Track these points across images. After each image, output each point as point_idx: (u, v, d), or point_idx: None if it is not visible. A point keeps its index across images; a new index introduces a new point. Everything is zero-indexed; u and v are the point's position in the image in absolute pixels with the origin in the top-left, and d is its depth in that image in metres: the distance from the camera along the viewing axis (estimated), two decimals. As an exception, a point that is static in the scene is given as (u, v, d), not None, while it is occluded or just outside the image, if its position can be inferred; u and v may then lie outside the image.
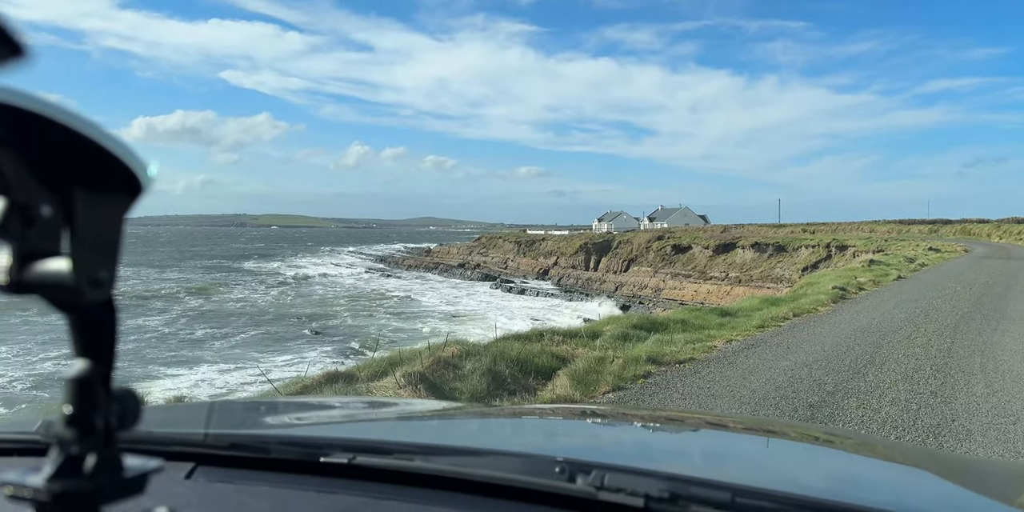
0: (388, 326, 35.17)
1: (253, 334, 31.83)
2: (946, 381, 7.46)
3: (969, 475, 1.65)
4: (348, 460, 1.12)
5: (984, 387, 7.22)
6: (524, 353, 8.14)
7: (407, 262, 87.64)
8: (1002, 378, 7.64)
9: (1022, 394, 6.96)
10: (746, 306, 14.13)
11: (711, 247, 56.38)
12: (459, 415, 1.94)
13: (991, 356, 8.87)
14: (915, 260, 29.51)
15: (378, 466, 1.13)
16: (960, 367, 8.17)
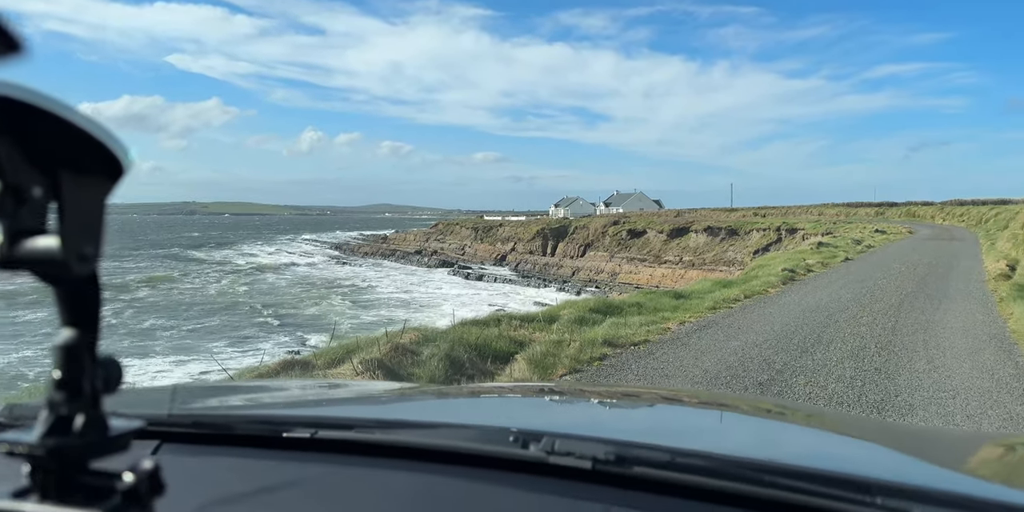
0: (345, 314, 34.87)
1: (206, 324, 31.27)
2: (890, 358, 7.73)
3: (915, 443, 1.72)
4: (311, 435, 1.14)
5: (926, 363, 7.51)
6: (482, 338, 8.18)
7: (363, 249, 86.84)
8: (943, 355, 7.96)
9: (962, 369, 7.26)
10: (699, 288, 14.39)
11: (665, 231, 57.13)
12: (418, 394, 1.96)
13: (933, 334, 9.22)
14: (862, 242, 30.33)
15: (340, 439, 1.15)
16: (903, 344, 8.47)
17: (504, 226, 77.27)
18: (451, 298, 40.70)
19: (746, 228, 52.79)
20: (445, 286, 50.83)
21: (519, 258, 66.84)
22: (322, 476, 1.07)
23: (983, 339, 8.93)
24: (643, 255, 56.22)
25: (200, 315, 34.02)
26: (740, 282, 15.69)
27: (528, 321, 9.83)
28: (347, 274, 58.13)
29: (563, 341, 8.49)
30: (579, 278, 55.86)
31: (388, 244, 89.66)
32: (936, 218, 65.17)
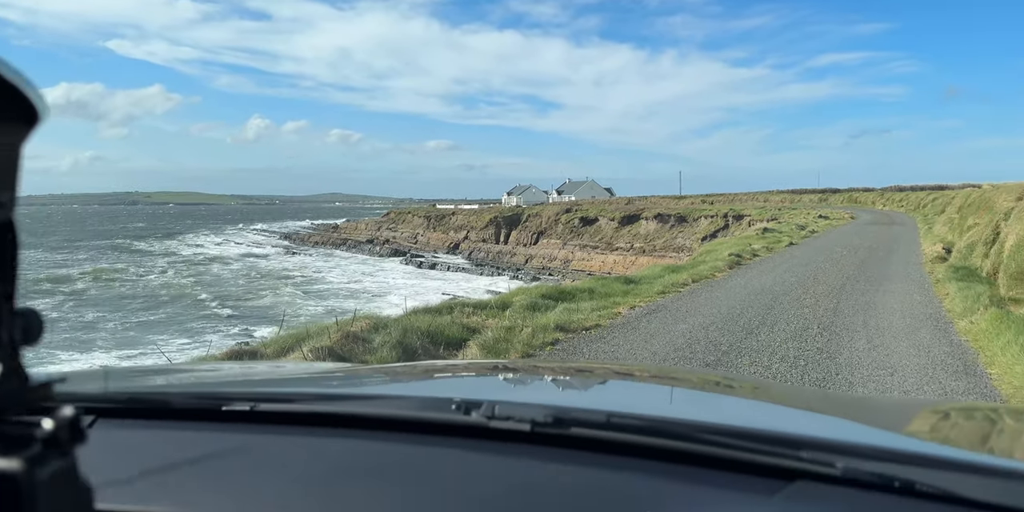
0: (295, 304, 34.37)
1: (151, 317, 30.49)
2: (832, 338, 7.98)
3: (855, 409, 1.79)
4: (250, 407, 1.13)
5: (865, 342, 7.77)
6: (434, 325, 8.17)
7: (313, 239, 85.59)
8: (881, 334, 8.24)
9: (899, 348, 7.53)
10: (649, 274, 14.59)
11: (617, 219, 57.69)
12: (367, 372, 1.95)
13: (873, 314, 9.54)
14: (806, 227, 31.13)
15: (281, 411, 1.15)
16: (844, 325, 8.75)
17: (457, 214, 76.98)
18: (403, 287, 40.42)
19: (695, 215, 53.64)
20: (397, 275, 50.47)
21: (472, 246, 66.74)
22: (262, 445, 1.06)
23: (920, 319, 9.27)
24: (595, 242, 56.70)
25: (145, 308, 33.14)
26: (688, 267, 15.96)
27: (481, 308, 9.84)
28: (297, 264, 57.25)
29: (515, 327, 8.53)
30: (532, 266, 56.07)
31: (339, 233, 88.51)
32: (877, 204, 67.22)
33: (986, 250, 14.90)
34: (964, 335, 8.26)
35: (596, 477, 0.94)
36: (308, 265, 56.65)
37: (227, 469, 0.99)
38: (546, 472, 0.96)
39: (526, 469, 0.98)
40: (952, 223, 25.12)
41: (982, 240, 15.86)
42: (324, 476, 0.96)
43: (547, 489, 0.92)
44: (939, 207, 38.40)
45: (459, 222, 73.40)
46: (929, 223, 32.04)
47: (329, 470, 0.98)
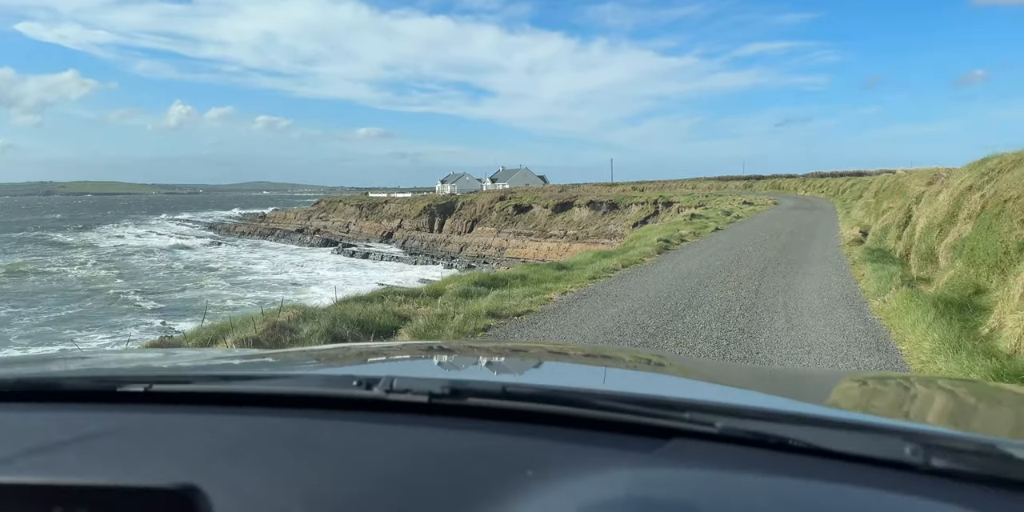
0: (220, 296, 33.48)
1: (69, 312, 29.20)
2: (753, 319, 8.25)
3: (773, 381, 1.86)
4: (144, 388, 1.12)
5: (785, 322, 8.07)
6: (365, 314, 8.09)
7: (240, 229, 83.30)
8: (800, 314, 8.57)
9: (816, 327, 7.85)
10: (581, 260, 14.77)
11: (550, 206, 58.11)
12: (288, 354, 1.92)
13: (792, 295, 9.90)
14: (731, 213, 32.01)
15: (176, 391, 1.14)
16: (765, 306, 9.06)
17: (390, 203, 76.13)
18: (334, 277, 39.80)
19: (626, 202, 54.51)
20: (328, 265, 49.65)
21: (406, 235, 66.18)
22: (156, 423, 1.05)
23: (837, 299, 9.68)
24: (529, 230, 57.01)
25: (63, 302, 31.71)
26: (619, 253, 16.22)
27: (413, 296, 9.79)
28: (222, 255, 55.67)
29: (447, 314, 8.52)
30: (467, 254, 56.00)
31: (267, 223, 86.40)
32: (799, 190, 69.61)
33: (899, 233, 15.63)
34: (877, 314, 8.67)
35: (490, 442, 0.98)
36: (234, 256, 55.15)
37: (118, 447, 0.97)
38: (443, 440, 1.00)
39: (424, 438, 1.01)
40: (869, 207, 26.25)
41: (895, 223, 16.63)
42: (219, 450, 0.96)
43: (443, 455, 0.95)
44: (857, 192, 40.06)
45: (392, 210, 72.63)
46: (847, 208, 33.38)
47: (224, 445, 0.98)
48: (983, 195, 10.38)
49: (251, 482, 0.59)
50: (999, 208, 9.08)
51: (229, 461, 0.93)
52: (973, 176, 11.87)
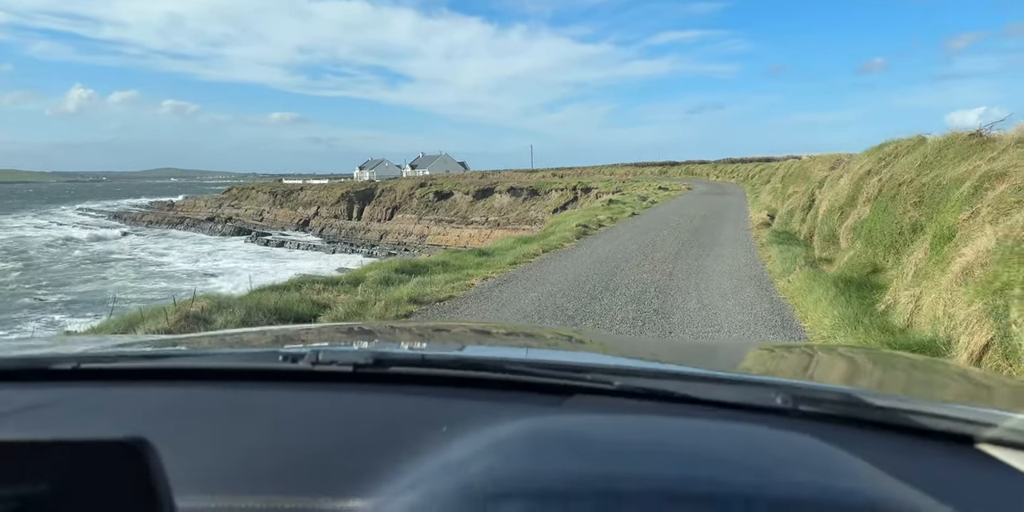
0: (128, 288, 32.06)
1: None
2: (667, 300, 8.53)
3: (691, 353, 2.01)
4: (72, 366, 1.16)
5: (696, 303, 8.37)
6: (282, 303, 7.95)
7: (147, 218, 79.75)
8: (711, 295, 8.90)
9: (726, 307, 8.18)
10: (502, 246, 14.88)
11: (471, 193, 58.04)
12: (198, 338, 1.93)
13: (704, 277, 10.27)
14: (647, 198, 32.76)
15: (106, 368, 1.18)
16: (679, 287, 9.37)
17: (306, 190, 74.32)
18: (249, 267, 38.69)
19: (546, 188, 54.99)
20: (242, 255, 48.20)
21: (323, 223, 64.87)
22: (84, 397, 1.09)
23: (745, 280, 10.10)
24: (451, 217, 56.83)
25: (-50, 298, 29.68)
26: (539, 238, 16.41)
27: (332, 284, 9.66)
28: (129, 245, 53.24)
29: (368, 301, 8.46)
30: (387, 241, 55.39)
31: (176, 212, 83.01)
32: (711, 175, 71.83)
33: (803, 216, 16.38)
34: (783, 293, 9.10)
35: (410, 404, 1.06)
36: (141, 246, 52.83)
37: (56, 416, 1.00)
38: (367, 403, 1.07)
39: (349, 402, 1.08)
40: (776, 192, 27.36)
41: (800, 207, 17.42)
42: (156, 416, 1.00)
43: (367, 416, 1.02)
44: (765, 178, 41.63)
45: (308, 198, 70.97)
46: (756, 192, 34.70)
47: (159, 413, 1.01)
48: (880, 179, 11.00)
49: (190, 441, 0.61)
50: (894, 191, 9.65)
51: (166, 425, 0.97)
52: (872, 161, 12.55)
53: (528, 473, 0.61)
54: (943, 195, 8.05)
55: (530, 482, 0.59)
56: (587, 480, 0.59)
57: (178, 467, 0.70)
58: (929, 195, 8.56)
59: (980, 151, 8.55)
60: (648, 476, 0.60)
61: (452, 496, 0.59)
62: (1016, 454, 0.91)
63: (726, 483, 0.60)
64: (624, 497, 0.56)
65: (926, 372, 1.62)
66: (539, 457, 0.65)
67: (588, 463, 0.63)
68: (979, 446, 0.95)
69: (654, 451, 0.69)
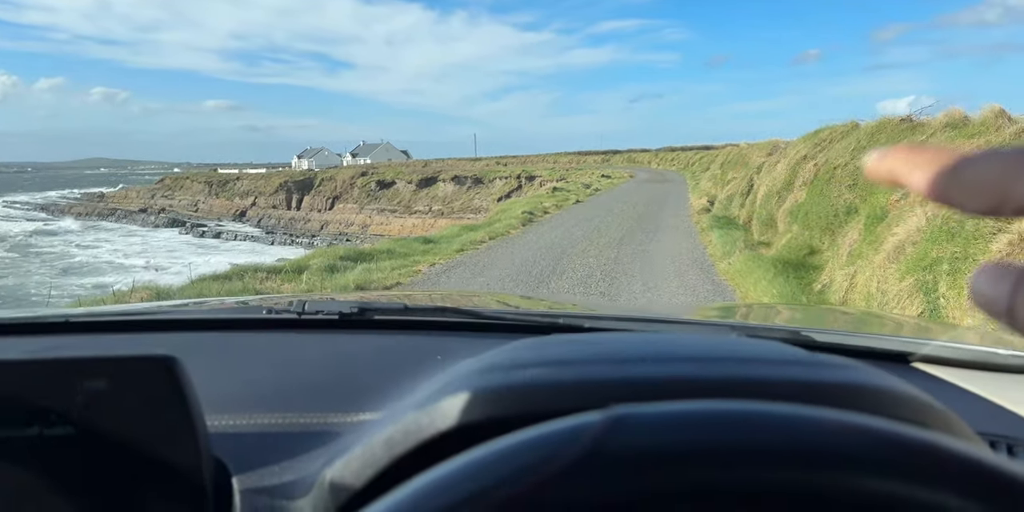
0: (54, 284, 30.85)
1: None
2: (613, 283, 8.66)
3: (652, 310, 2.18)
4: (64, 320, 1.20)
5: (641, 285, 8.53)
6: (225, 292, 7.80)
7: (75, 209, 76.71)
8: (655, 277, 9.08)
9: (669, 288, 8.36)
10: (448, 234, 14.84)
11: (414, 182, 57.62)
12: (178, 303, 2.01)
13: (647, 261, 10.46)
14: (591, 186, 33.11)
15: (94, 320, 1.23)
16: (624, 271, 9.52)
17: (242, 179, 72.60)
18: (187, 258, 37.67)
19: (490, 177, 55.00)
20: (176, 245, 46.89)
21: (262, 213, 63.53)
22: (74, 344, 1.13)
23: (687, 263, 10.32)
24: (394, 206, 56.32)
25: None
26: (485, 226, 16.42)
27: (275, 273, 9.50)
28: (56, 239, 51.19)
29: (313, 289, 8.35)
30: (329, 231, 54.58)
31: (106, 203, 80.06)
32: (652, 163, 72.97)
33: (742, 201, 16.81)
34: (723, 275, 9.34)
35: (400, 342, 1.12)
36: (71, 239, 50.86)
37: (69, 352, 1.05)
38: (358, 342, 1.13)
39: (341, 342, 1.13)
40: (715, 179, 27.96)
41: (739, 192, 17.87)
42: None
43: (360, 351, 1.07)
44: (705, 165, 42.51)
45: (245, 187, 69.37)
46: (697, 179, 35.40)
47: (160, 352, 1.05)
48: (816, 164, 11.36)
49: (198, 374, 0.62)
50: (829, 175, 9.99)
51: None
52: (807, 146, 12.94)
53: (540, 355, 0.63)
54: (875, 178, 8.36)
55: (545, 357, 0.62)
56: (594, 353, 0.63)
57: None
58: (863, 178, 8.88)
59: (910, 135, 8.91)
60: (643, 349, 0.64)
61: (473, 373, 0.60)
62: (943, 369, 1.09)
63: (717, 349, 0.67)
64: (629, 359, 0.60)
65: (863, 319, 1.78)
66: (544, 348, 0.67)
67: (588, 347, 0.67)
68: (914, 364, 1.11)
69: (643, 341, 0.73)
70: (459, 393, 0.55)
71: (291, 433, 0.75)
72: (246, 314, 1.26)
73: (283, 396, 0.86)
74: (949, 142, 7.44)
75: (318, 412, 0.79)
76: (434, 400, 0.57)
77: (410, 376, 0.86)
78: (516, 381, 0.56)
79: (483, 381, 0.57)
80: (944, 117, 8.72)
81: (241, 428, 0.76)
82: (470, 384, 0.57)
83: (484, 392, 0.55)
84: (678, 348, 0.66)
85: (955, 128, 8.25)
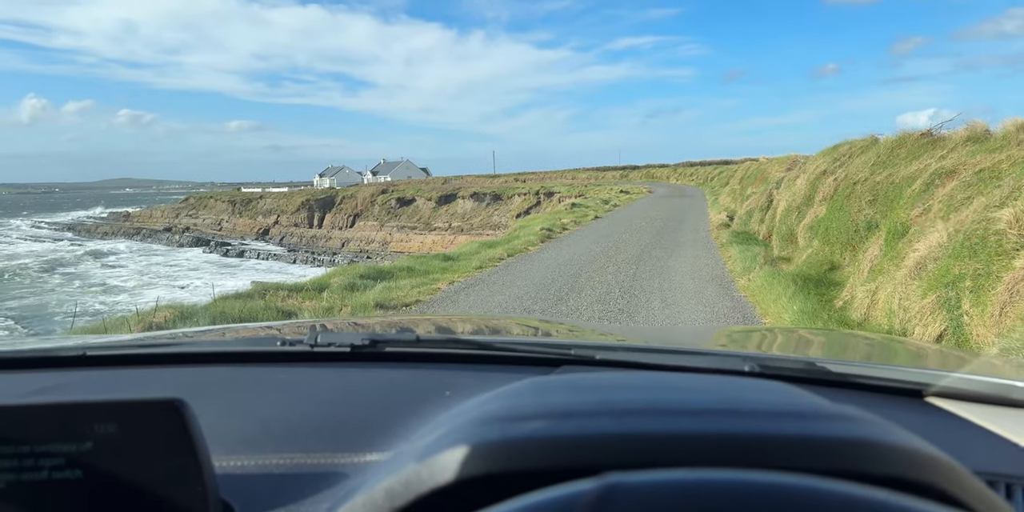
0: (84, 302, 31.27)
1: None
2: (631, 299, 8.64)
3: (666, 336, 2.16)
4: (81, 353, 1.23)
5: (660, 302, 8.50)
6: (247, 311, 7.88)
7: (101, 229, 77.89)
8: (674, 294, 9.04)
9: (689, 305, 8.32)
10: (467, 250, 14.89)
11: (434, 199, 57.92)
12: (191, 332, 2.01)
13: (666, 277, 10.42)
14: (609, 202, 33.09)
15: (110, 355, 1.26)
16: (642, 288, 9.49)
17: (265, 198, 73.40)
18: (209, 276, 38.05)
19: (509, 193, 55.17)
20: (200, 264, 47.41)
21: (284, 231, 64.12)
22: (92, 380, 1.15)
23: (706, 279, 10.27)
24: (413, 223, 56.63)
25: None
26: (504, 242, 16.47)
27: (297, 291, 9.59)
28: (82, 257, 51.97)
29: (333, 307, 8.42)
30: (349, 249, 54.95)
31: (131, 222, 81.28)
32: (671, 178, 72.77)
33: (762, 216, 16.71)
34: (743, 291, 9.28)
35: (410, 376, 1.14)
36: (98, 257, 51.60)
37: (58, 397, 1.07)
38: (370, 376, 1.15)
39: (352, 376, 1.15)
40: (735, 193, 27.84)
41: (759, 207, 17.77)
42: (172, 391, 1.08)
43: (371, 386, 1.09)
44: (724, 180, 42.34)
45: (268, 206, 70.11)
46: (716, 194, 35.26)
47: (173, 389, 1.07)
48: (835, 179, 11.29)
49: (206, 413, 0.65)
50: (849, 190, 9.92)
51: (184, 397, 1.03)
52: (827, 161, 12.87)
53: (541, 404, 0.64)
54: (896, 193, 8.31)
55: (545, 407, 0.62)
56: (595, 403, 0.63)
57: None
58: (883, 193, 8.82)
59: (931, 150, 8.84)
60: (647, 399, 0.64)
61: (472, 424, 0.61)
62: (958, 404, 1.07)
63: (718, 400, 0.66)
64: (629, 412, 0.60)
65: (882, 347, 1.76)
66: (546, 394, 0.68)
67: (592, 394, 0.67)
68: (928, 399, 1.10)
69: (648, 386, 0.74)
70: (458, 446, 0.56)
71: (298, 474, 0.76)
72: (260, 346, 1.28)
73: (292, 434, 0.87)
74: (971, 156, 7.38)
75: (326, 452, 0.81)
76: (433, 451, 0.58)
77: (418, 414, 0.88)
78: (515, 435, 0.56)
79: (483, 434, 0.58)
80: (965, 131, 8.65)
81: (249, 469, 0.77)
82: (469, 437, 0.58)
83: (483, 446, 0.56)
84: (682, 396, 0.66)
85: (977, 142, 8.18)
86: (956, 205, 6.40)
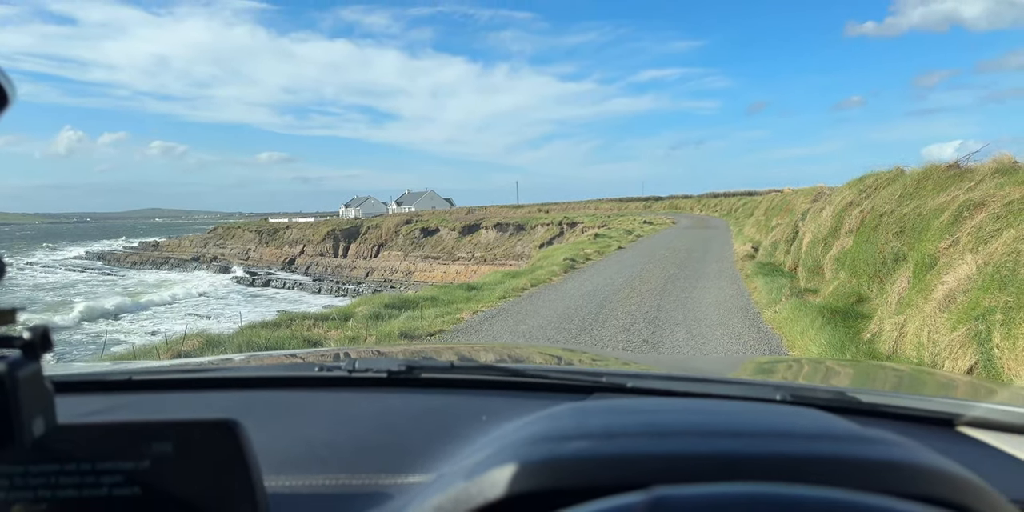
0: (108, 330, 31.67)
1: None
2: (656, 330, 8.60)
3: (696, 366, 2.17)
4: (128, 378, 1.28)
5: (684, 333, 8.44)
6: (273, 340, 7.95)
7: (131, 258, 79.19)
8: (699, 325, 8.99)
9: (714, 336, 8.26)
10: (490, 280, 14.93)
11: (457, 229, 58.27)
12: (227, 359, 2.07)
13: (691, 308, 10.36)
14: (633, 232, 33.04)
15: (156, 380, 1.31)
16: (667, 319, 9.44)
17: (292, 228, 74.31)
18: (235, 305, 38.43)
19: (532, 223, 55.34)
20: (226, 293, 47.90)
21: (310, 261, 64.73)
22: (139, 404, 1.20)
23: (732, 310, 10.20)
24: (437, 253, 56.90)
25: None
26: (527, 272, 16.49)
27: (322, 320, 9.67)
28: (113, 286, 52.78)
29: (358, 337, 8.47)
30: (374, 278, 55.27)
31: (160, 252, 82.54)
32: (695, 209, 72.61)
33: (788, 247, 16.60)
34: (769, 323, 9.19)
35: (447, 401, 1.17)
36: (125, 286, 52.39)
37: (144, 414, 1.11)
38: (408, 401, 1.17)
39: (391, 401, 1.18)
40: (759, 224, 27.68)
41: (784, 238, 17.66)
42: (220, 414, 1.12)
43: (410, 410, 1.12)
44: (748, 210, 42.13)
45: (294, 236, 70.92)
46: (740, 225, 35.08)
47: (220, 412, 1.11)
48: (862, 210, 11.22)
49: (256, 434, 0.68)
50: (876, 222, 9.85)
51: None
52: (853, 193, 12.80)
53: (584, 425, 0.66)
54: (924, 225, 8.24)
55: (588, 428, 0.64)
56: (635, 425, 0.65)
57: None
58: (910, 225, 8.75)
59: (958, 182, 8.77)
60: (686, 421, 0.66)
61: (519, 444, 0.63)
62: (990, 433, 1.07)
63: (754, 422, 0.68)
64: (669, 433, 0.62)
65: (912, 377, 1.76)
66: (587, 417, 0.71)
67: (631, 416, 0.69)
68: (959, 428, 1.10)
69: (684, 410, 0.76)
70: (507, 464, 0.58)
71: (345, 494, 0.79)
72: (299, 372, 1.31)
73: (336, 455, 0.90)
74: (999, 188, 7.32)
75: (370, 472, 0.83)
76: (482, 469, 0.59)
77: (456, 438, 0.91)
78: (563, 454, 0.58)
79: (530, 453, 0.59)
80: (993, 162, 8.59)
81: (297, 489, 0.80)
82: (518, 455, 0.59)
83: (532, 464, 0.57)
84: (719, 419, 0.68)
85: (1005, 174, 8.11)
86: (985, 237, 6.33)
